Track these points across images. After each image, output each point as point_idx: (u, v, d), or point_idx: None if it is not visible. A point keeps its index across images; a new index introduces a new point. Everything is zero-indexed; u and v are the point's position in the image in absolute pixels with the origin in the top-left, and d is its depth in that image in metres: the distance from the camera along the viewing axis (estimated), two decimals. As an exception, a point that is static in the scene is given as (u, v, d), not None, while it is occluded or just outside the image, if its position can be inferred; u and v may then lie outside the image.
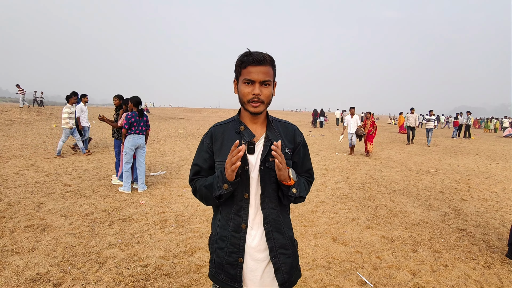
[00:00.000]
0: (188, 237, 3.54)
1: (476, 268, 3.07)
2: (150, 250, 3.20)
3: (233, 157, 1.13)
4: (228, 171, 1.16)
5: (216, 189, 1.23)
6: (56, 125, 16.16)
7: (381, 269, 2.99)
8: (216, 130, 1.36)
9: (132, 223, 3.91)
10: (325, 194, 5.55)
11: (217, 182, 1.23)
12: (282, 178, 1.22)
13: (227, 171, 1.17)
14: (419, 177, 7.25)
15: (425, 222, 4.27)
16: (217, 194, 1.23)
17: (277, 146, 1.15)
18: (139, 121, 5.18)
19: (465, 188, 6.31)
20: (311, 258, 3.17)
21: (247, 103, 1.25)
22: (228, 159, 1.16)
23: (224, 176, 1.20)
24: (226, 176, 1.19)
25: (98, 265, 2.87)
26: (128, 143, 5.14)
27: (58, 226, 3.70)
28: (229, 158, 1.15)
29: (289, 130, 1.39)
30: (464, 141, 17.65)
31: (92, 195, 4.95)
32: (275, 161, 1.16)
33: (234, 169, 1.14)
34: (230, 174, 1.17)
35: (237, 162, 1.13)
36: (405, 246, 3.50)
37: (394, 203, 5.13)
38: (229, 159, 1.15)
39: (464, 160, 10.19)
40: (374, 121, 10.56)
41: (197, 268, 2.89)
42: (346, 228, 3.99)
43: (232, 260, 1.29)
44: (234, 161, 1.13)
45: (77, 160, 7.76)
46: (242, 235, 1.28)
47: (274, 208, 1.31)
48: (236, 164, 1.13)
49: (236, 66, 1.28)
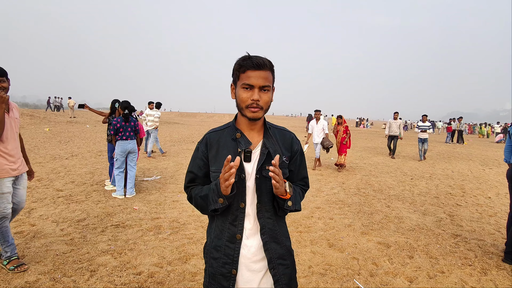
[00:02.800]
0: (183, 244, 3.48)
1: (472, 274, 3.06)
2: (144, 257, 3.13)
3: (225, 173, 1.10)
4: (222, 186, 1.13)
5: (212, 203, 1.20)
6: (49, 129, 15.97)
7: (377, 276, 2.96)
8: (211, 137, 1.32)
9: (125, 229, 3.83)
10: (321, 199, 5.53)
11: (212, 196, 1.20)
12: (279, 193, 1.19)
13: (221, 185, 1.14)
14: (414, 182, 7.27)
15: (421, 228, 4.26)
16: (213, 209, 1.21)
17: (276, 162, 1.13)
18: (125, 127, 5.11)
19: (460, 194, 6.35)
20: (307, 264, 3.13)
21: (245, 108, 1.21)
22: (221, 175, 1.13)
23: (219, 190, 1.17)
24: (221, 191, 1.16)
25: (90, 273, 2.80)
26: (118, 149, 5.11)
27: (49, 233, 3.61)
28: (222, 173, 1.12)
29: (287, 138, 1.36)
30: (457, 146, 17.83)
31: (84, 201, 4.86)
32: (272, 181, 1.14)
33: (228, 185, 1.12)
34: (225, 189, 1.14)
35: (231, 178, 1.10)
36: (402, 252, 3.48)
37: (390, 208, 5.12)
38: (222, 174, 1.12)
39: (458, 165, 10.27)
40: (347, 126, 8.60)
41: (191, 276, 2.83)
42: (342, 234, 3.97)
43: (226, 272, 1.25)
44: (227, 177, 1.10)
45: (70, 164, 7.64)
46: (237, 246, 1.25)
47: (271, 217, 1.28)
48: (230, 180, 1.10)
49: (234, 70, 1.24)
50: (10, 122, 2.72)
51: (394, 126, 11.25)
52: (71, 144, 11.33)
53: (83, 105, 5.61)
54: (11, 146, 2.70)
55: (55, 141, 12.02)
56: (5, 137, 2.65)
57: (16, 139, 2.79)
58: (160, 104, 9.78)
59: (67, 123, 19.63)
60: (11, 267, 2.72)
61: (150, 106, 9.41)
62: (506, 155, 3.55)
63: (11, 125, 2.73)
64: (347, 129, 8.49)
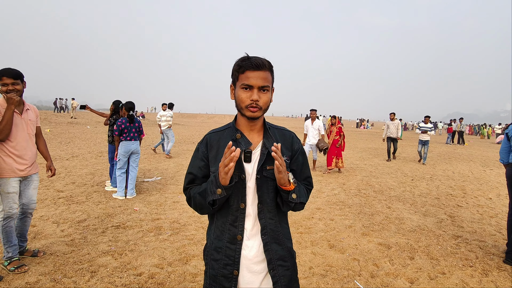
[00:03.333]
0: (183, 245, 3.47)
1: (473, 276, 3.05)
2: (144, 258, 3.13)
3: (226, 159, 1.09)
4: (222, 174, 1.12)
5: (210, 194, 1.18)
6: (50, 130, 15.99)
7: (378, 277, 2.96)
8: (212, 138, 1.32)
9: (125, 230, 3.83)
10: (321, 200, 5.52)
11: (210, 187, 1.19)
12: (282, 182, 1.18)
13: (220, 174, 1.13)
14: (414, 183, 7.26)
15: (422, 229, 4.26)
16: (211, 200, 1.18)
17: (277, 148, 1.12)
18: (130, 127, 5.13)
19: (461, 195, 6.34)
20: (307, 266, 3.13)
21: (245, 108, 1.21)
22: (221, 162, 1.12)
23: (217, 181, 1.15)
24: (220, 180, 1.14)
25: (90, 274, 2.80)
26: (121, 150, 5.11)
27: (50, 234, 3.61)
28: (222, 160, 1.11)
29: (287, 137, 1.35)
30: (458, 147, 17.81)
31: (85, 202, 4.86)
32: (275, 163, 1.13)
33: (227, 171, 1.10)
34: (224, 177, 1.12)
35: (230, 164, 1.09)
36: (402, 254, 3.48)
37: (391, 209, 5.12)
38: (222, 161, 1.11)
39: (459, 166, 10.25)
40: (341, 127, 8.25)
41: (192, 277, 2.83)
42: (342, 235, 3.96)
43: (227, 273, 1.24)
44: (227, 163, 1.09)
45: (70, 165, 7.65)
46: (238, 247, 1.24)
47: (272, 218, 1.27)
48: (229, 166, 1.09)
49: (233, 70, 1.24)
50: (22, 124, 2.75)
51: (392, 127, 10.65)
52: (71, 145, 11.35)
53: (84, 106, 5.66)
54: (20, 147, 2.72)
55: (56, 142, 12.04)
56: (13, 137, 2.67)
57: (28, 140, 2.80)
58: (172, 105, 10.10)
59: (68, 124, 19.66)
60: (11, 268, 2.73)
61: (163, 108, 9.66)
62: (502, 156, 3.56)
63: (23, 126, 2.75)
64: (340, 130, 8.11)
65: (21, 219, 2.95)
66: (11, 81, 2.59)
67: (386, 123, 10.96)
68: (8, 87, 2.58)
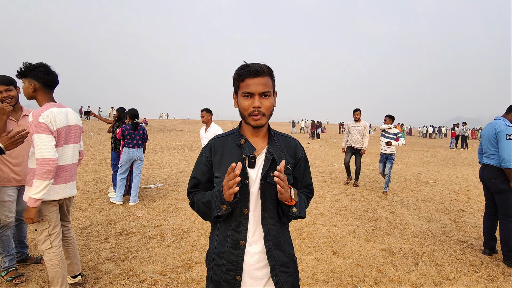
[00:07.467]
0: (186, 251, 3.47)
1: (479, 282, 3.02)
2: (147, 265, 3.13)
3: (229, 181, 1.10)
4: (226, 194, 1.14)
5: (215, 209, 1.20)
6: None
7: (382, 283, 2.93)
8: (216, 143, 1.33)
9: (128, 236, 3.83)
10: (324, 206, 5.50)
11: (215, 202, 1.20)
12: (284, 199, 1.19)
13: (225, 193, 1.14)
14: (418, 188, 7.22)
15: (426, 234, 4.22)
16: (216, 215, 1.21)
17: (280, 168, 1.13)
18: (133, 135, 5.16)
19: (465, 199, 6.29)
20: (311, 272, 3.11)
21: (248, 116, 1.22)
22: (225, 182, 1.13)
23: (222, 197, 1.17)
24: (224, 197, 1.16)
25: (93, 281, 2.79)
26: (124, 156, 5.15)
27: (53, 240, 3.61)
28: (226, 180, 1.12)
29: (291, 145, 1.36)
30: (461, 151, 17.71)
31: (88, 208, 4.87)
32: (277, 186, 1.14)
33: (231, 192, 1.12)
34: (228, 196, 1.14)
35: (235, 187, 1.11)
36: (407, 259, 3.45)
37: (394, 214, 5.08)
38: (226, 181, 1.13)
39: (463, 170, 10.19)
40: None
41: (194, 284, 2.82)
42: (346, 240, 3.93)
43: (230, 278, 1.24)
44: (231, 185, 1.10)
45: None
46: (241, 252, 1.24)
47: (275, 224, 1.28)
48: (234, 189, 1.10)
49: (233, 80, 1.26)
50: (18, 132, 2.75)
51: (355, 132, 6.96)
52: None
53: (88, 112, 5.69)
54: (17, 155, 2.71)
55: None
56: None
57: (26, 148, 2.79)
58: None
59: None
60: (8, 278, 2.70)
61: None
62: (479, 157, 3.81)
63: None
64: None
65: (17, 226, 2.94)
66: (4, 88, 2.57)
67: (347, 124, 7.29)
68: (2, 94, 2.56)
